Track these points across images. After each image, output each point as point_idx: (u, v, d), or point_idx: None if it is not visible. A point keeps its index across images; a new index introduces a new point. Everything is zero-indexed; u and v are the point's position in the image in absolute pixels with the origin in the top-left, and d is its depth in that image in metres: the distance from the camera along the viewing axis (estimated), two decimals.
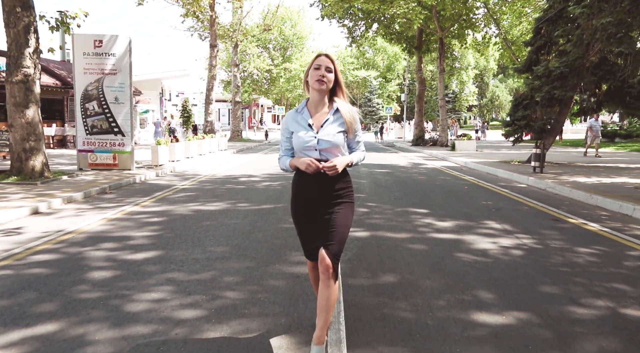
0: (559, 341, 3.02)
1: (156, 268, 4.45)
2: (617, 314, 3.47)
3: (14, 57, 10.17)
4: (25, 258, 4.78)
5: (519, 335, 3.10)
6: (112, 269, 4.43)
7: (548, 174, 12.01)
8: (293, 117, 2.78)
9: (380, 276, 4.29)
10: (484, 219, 6.92)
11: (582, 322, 3.32)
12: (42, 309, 3.46)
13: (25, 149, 10.36)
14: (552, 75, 11.03)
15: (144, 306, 3.52)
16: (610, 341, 3.03)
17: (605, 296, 3.82)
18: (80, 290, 3.87)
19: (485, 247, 5.33)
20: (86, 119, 12.85)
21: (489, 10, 25.75)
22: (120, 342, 2.96)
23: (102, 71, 12.61)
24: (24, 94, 10.25)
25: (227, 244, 5.32)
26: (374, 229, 6.15)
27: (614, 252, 5.24)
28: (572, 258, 4.96)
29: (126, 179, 10.90)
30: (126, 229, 6.15)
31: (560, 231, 6.27)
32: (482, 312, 3.47)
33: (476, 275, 4.34)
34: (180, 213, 7.25)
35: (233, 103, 33.26)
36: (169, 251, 5.02)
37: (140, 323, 3.23)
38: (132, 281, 4.08)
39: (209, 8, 25.92)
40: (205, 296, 3.72)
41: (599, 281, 4.20)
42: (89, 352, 2.82)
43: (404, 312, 3.46)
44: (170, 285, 3.99)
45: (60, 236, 5.76)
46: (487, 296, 3.79)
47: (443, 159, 18.90)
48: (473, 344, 2.97)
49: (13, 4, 9.95)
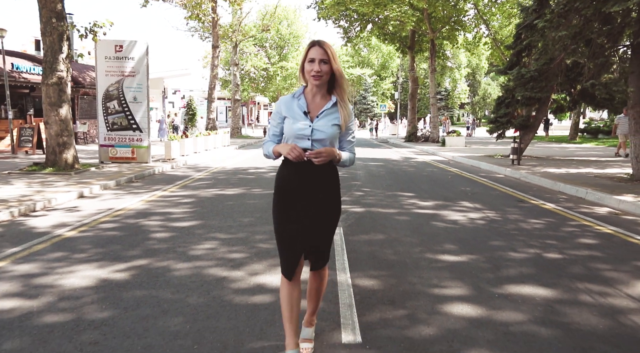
0: (493, 269, 4.42)
1: (201, 231, 5.83)
2: (540, 256, 4.88)
3: (49, 62, 11.47)
4: (96, 226, 6.14)
5: (467, 266, 4.50)
6: (168, 232, 5.80)
7: (524, 166, 13.44)
8: (288, 103, 2.64)
9: (373, 235, 5.68)
10: (460, 200, 8.32)
11: (513, 260, 4.73)
12: (130, 253, 4.83)
13: (59, 144, 11.67)
14: (524, 78, 12.49)
15: (202, 252, 4.90)
16: (528, 269, 4.43)
17: (536, 247, 5.23)
18: (150, 244, 5.24)
19: (456, 218, 6.73)
20: (107, 117, 14.14)
21: (479, 11, 27.10)
22: (194, 269, 4.33)
23: (122, 73, 13.91)
24: (58, 95, 11.55)
25: (252, 216, 6.71)
26: (368, 206, 7.55)
27: (556, 222, 6.65)
28: (522, 225, 6.37)
29: (147, 170, 12.23)
30: (165, 207, 7.51)
31: (521, 208, 7.68)
32: (444, 255, 4.87)
33: (445, 235, 5.74)
34: (204, 196, 8.62)
35: (233, 101, 34.60)
36: (207, 221, 6.39)
37: (203, 260, 4.61)
38: (186, 239, 5.46)
39: (211, 11, 27.19)
40: (245, 247, 5.09)
41: (536, 239, 5.62)
42: (176, 274, 4.20)
43: (389, 255, 4.85)
44: (217, 240, 5.37)
45: (114, 212, 7.10)
46: (451, 247, 5.19)
47: (433, 154, 20.30)
48: (435, 270, 4.36)
49: (49, 15, 11.25)
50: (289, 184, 2.61)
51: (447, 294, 3.79)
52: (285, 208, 2.63)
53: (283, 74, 55.88)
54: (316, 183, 2.60)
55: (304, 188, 2.59)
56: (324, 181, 2.63)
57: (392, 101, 64.29)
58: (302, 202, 2.60)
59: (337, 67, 2.51)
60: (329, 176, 2.64)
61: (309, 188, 2.59)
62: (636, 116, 9.71)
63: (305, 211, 2.60)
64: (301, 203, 2.60)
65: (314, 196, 2.60)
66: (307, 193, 2.60)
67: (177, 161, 14.88)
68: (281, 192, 2.66)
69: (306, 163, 2.52)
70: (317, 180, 2.60)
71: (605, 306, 3.57)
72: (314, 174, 2.58)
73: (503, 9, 27.04)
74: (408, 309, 3.49)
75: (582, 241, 5.59)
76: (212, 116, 28.60)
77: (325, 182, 2.63)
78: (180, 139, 16.77)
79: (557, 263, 4.63)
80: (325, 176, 2.62)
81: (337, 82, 2.58)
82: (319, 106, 2.61)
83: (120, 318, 3.29)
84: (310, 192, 2.60)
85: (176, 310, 3.42)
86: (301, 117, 2.57)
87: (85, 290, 3.83)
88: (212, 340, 2.96)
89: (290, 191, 2.61)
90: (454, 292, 3.84)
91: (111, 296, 3.69)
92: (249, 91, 56.33)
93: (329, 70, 2.51)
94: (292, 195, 2.61)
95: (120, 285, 3.94)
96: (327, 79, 2.56)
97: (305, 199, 2.60)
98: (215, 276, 4.16)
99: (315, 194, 2.60)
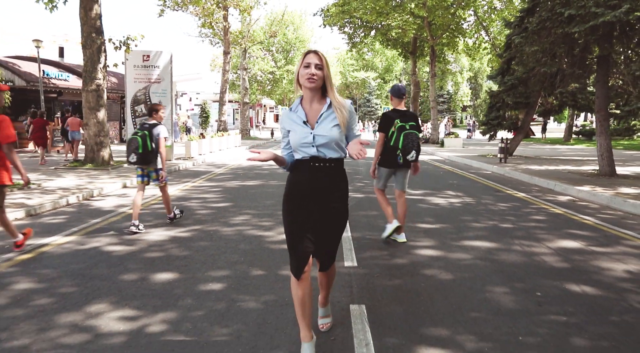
0: (456, 232, 5.97)
1: (235, 209, 7.41)
2: (496, 225, 6.43)
3: (88, 72, 13.10)
4: (149, 206, 7.72)
5: (438, 230, 6.05)
6: (208, 210, 7.38)
7: (510, 164, 14.95)
8: (288, 116, 2.80)
9: (369, 212, 7.24)
10: (445, 190, 9.86)
11: (474, 227, 6.28)
12: (186, 222, 6.41)
13: (97, 143, 13.29)
14: (506, 85, 14.03)
15: (239, 221, 6.48)
16: (483, 232, 5.97)
17: (495, 220, 6.77)
18: (198, 217, 6.82)
19: (438, 202, 8.28)
20: (135, 119, 15.76)
21: (478, 18, 28.54)
22: (236, 230, 5.90)
23: (149, 80, 15.55)
24: (96, 100, 13.18)
25: (273, 199, 8.28)
26: (366, 193, 9.11)
27: (520, 205, 8.18)
28: (490, 207, 7.91)
29: (173, 166, 13.83)
30: (199, 193, 9.10)
31: (495, 196, 9.21)
32: (423, 224, 6.42)
33: (427, 212, 7.29)
34: (230, 186, 10.20)
35: (242, 104, 36.29)
36: (237, 203, 7.98)
37: (242, 226, 6.19)
38: (224, 213, 7.03)
39: (222, 19, 28.87)
40: (271, 218, 6.67)
41: (498, 215, 7.15)
42: (225, 233, 5.77)
43: (381, 223, 6.39)
44: (248, 215, 6.95)
45: (158, 197, 8.67)
46: (429, 219, 6.75)
47: (431, 154, 21.80)
48: (413, 232, 5.91)
49: (90, 30, 12.88)
50: (300, 189, 2.75)
51: (419, 244, 5.35)
52: (296, 213, 2.75)
53: (289, 78, 57.59)
54: (326, 188, 2.74)
55: (314, 194, 2.73)
56: (334, 187, 2.77)
57: None
58: (312, 207, 2.73)
59: (328, 73, 2.70)
60: (339, 181, 2.80)
61: (319, 194, 2.73)
62: (601, 119, 11.22)
63: (314, 215, 2.73)
64: (311, 208, 2.73)
65: (324, 202, 2.74)
66: (317, 198, 2.73)
67: (196, 159, 16.48)
68: (291, 197, 2.78)
69: (316, 169, 2.71)
70: (327, 186, 2.74)
71: (528, 252, 5.11)
72: (324, 180, 2.74)
73: (502, 15, 28.50)
74: (390, 251, 5.05)
75: (534, 217, 7.13)
76: (224, 118, 30.24)
77: (334, 188, 2.77)
78: (199, 139, 18.40)
79: (506, 230, 6.18)
80: (334, 182, 2.77)
81: (328, 85, 2.72)
82: (316, 112, 2.74)
83: (195, 255, 4.87)
84: (320, 197, 2.73)
85: (232, 251, 5.00)
86: (302, 127, 2.71)
87: (163, 241, 5.41)
88: (260, 266, 4.53)
89: (300, 197, 2.74)
90: (424, 244, 5.40)
91: (184, 245, 5.27)
92: (256, 94, 57.99)
93: (322, 75, 2.67)
94: (303, 200, 2.74)
95: (187, 239, 5.52)
96: (320, 84, 2.70)
97: (315, 204, 2.73)
98: (254, 234, 5.74)
99: (324, 200, 2.74)
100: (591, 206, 8.18)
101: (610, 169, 11.37)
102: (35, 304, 3.56)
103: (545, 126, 35.23)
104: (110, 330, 3.15)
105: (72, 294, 3.77)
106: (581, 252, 5.13)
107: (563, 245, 5.41)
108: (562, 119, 56.25)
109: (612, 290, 3.94)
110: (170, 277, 4.19)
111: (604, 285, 4.08)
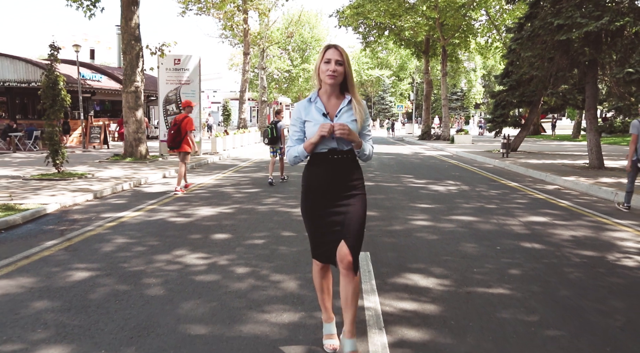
0: (447, 210, 7.31)
1: (265, 193, 8.83)
2: (482, 206, 7.75)
3: (128, 75, 14.64)
4: (192, 192, 9.19)
5: (432, 209, 7.39)
6: (242, 194, 8.82)
7: (511, 159, 16.16)
8: (306, 107, 2.78)
9: (377, 195, 8.61)
10: (446, 180, 11.18)
11: (463, 207, 7.61)
12: (225, 203, 7.85)
13: (135, 139, 14.84)
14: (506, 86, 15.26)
15: (271, 202, 7.91)
16: (469, 210, 7.30)
17: (483, 202, 8.09)
18: (235, 199, 8.26)
19: (438, 189, 9.62)
20: (167, 117, 17.30)
21: (490, 17, 29.51)
22: (269, 209, 7.33)
23: (180, 81, 17.08)
24: (135, 101, 14.73)
25: (295, 186, 9.70)
26: (377, 182, 10.47)
27: (509, 192, 9.47)
28: (482, 193, 9.21)
29: (202, 160, 15.33)
30: (231, 182, 10.55)
31: (489, 185, 10.50)
32: (420, 204, 7.77)
33: (426, 196, 8.63)
34: (256, 176, 11.64)
35: (260, 102, 37.82)
36: (265, 189, 9.41)
37: (273, 205, 7.61)
38: (256, 197, 8.46)
39: (243, 21, 30.37)
40: (296, 200, 8.07)
41: (487, 199, 8.47)
42: (260, 210, 7.20)
43: (386, 203, 7.76)
44: (277, 198, 8.36)
45: (197, 185, 10.14)
46: (427, 200, 8.10)
47: (441, 150, 23.03)
48: (411, 210, 7.27)
49: (129, 38, 14.42)
50: (320, 182, 2.76)
51: (415, 218, 6.72)
52: (314, 206, 2.78)
53: (305, 76, 59.04)
54: (345, 179, 2.76)
55: (333, 185, 2.74)
56: (352, 177, 2.79)
57: (410, 101, 66.81)
58: (330, 200, 2.75)
59: (349, 71, 2.69)
60: (355, 172, 2.82)
61: (338, 185, 2.75)
62: (590, 117, 12.41)
63: (333, 207, 2.74)
64: (329, 201, 2.75)
65: (343, 192, 2.75)
66: (336, 189, 2.75)
67: (222, 154, 17.98)
68: (310, 191, 2.81)
69: (335, 161, 2.73)
70: (345, 177, 2.76)
71: (501, 223, 6.44)
72: (342, 172, 2.76)
73: (514, 14, 29.38)
74: (390, 221, 6.42)
75: (518, 201, 8.43)
76: (244, 116, 31.76)
77: (352, 178, 2.79)
78: (223, 136, 19.92)
79: (490, 209, 7.50)
80: (352, 173, 2.79)
81: (349, 83, 2.73)
82: (335, 106, 2.76)
83: (240, 223, 6.30)
84: (340, 188, 2.75)
85: (268, 221, 6.43)
86: (321, 119, 2.71)
87: (212, 215, 6.86)
88: (291, 230, 5.94)
89: (321, 190, 2.76)
90: (418, 217, 6.76)
91: (230, 217, 6.72)
92: (273, 92, 59.53)
93: (343, 71, 2.67)
94: (321, 194, 2.76)
95: (231, 213, 6.97)
96: (340, 80, 2.70)
97: (335, 195, 2.75)
98: (283, 210, 7.17)
99: (344, 189, 2.76)
100: (571, 193, 9.43)
101: (599, 162, 12.56)
102: (135, 250, 5.02)
103: (554, 124, 36.14)
104: (194, 263, 4.59)
105: (157, 245, 5.23)
106: (544, 224, 6.45)
107: (532, 219, 6.73)
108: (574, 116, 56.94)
109: (553, 246, 5.28)
110: (225, 237, 5.62)
111: (549, 243, 5.41)
